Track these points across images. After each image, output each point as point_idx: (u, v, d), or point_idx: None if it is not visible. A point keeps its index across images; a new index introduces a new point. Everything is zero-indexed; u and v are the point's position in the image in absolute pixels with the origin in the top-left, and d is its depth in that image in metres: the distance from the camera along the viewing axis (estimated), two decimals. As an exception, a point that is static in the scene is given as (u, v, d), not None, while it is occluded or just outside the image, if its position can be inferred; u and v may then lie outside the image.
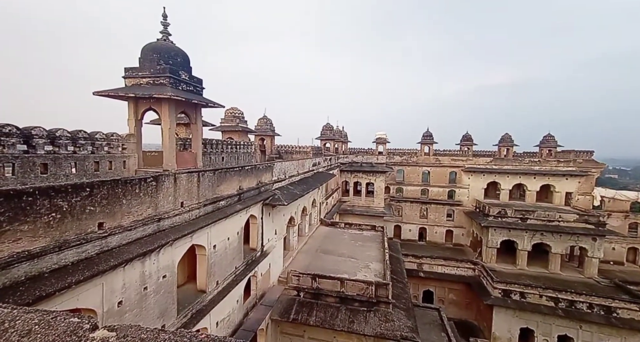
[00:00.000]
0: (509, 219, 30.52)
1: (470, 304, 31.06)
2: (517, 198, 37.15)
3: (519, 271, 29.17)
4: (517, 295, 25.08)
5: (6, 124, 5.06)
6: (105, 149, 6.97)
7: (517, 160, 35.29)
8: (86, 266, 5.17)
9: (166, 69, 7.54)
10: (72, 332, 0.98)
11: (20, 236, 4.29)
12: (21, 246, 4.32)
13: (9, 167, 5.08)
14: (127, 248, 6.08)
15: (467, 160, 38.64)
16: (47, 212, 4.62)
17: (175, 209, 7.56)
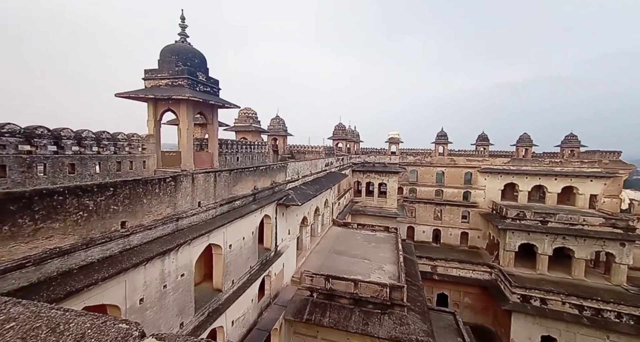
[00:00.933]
0: (528, 221, 29.43)
1: (487, 308, 30.19)
2: (536, 200, 35.79)
3: (539, 276, 28.05)
4: (538, 301, 24.16)
5: (39, 126, 5.28)
6: (127, 150, 7.17)
7: (537, 161, 33.99)
8: (110, 264, 5.31)
9: (184, 71, 7.68)
10: (122, 339, 0.99)
11: (52, 233, 4.45)
12: (53, 242, 4.48)
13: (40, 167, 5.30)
14: (147, 247, 6.21)
15: (484, 160, 37.57)
16: (75, 210, 4.77)
17: (193, 209, 7.68)
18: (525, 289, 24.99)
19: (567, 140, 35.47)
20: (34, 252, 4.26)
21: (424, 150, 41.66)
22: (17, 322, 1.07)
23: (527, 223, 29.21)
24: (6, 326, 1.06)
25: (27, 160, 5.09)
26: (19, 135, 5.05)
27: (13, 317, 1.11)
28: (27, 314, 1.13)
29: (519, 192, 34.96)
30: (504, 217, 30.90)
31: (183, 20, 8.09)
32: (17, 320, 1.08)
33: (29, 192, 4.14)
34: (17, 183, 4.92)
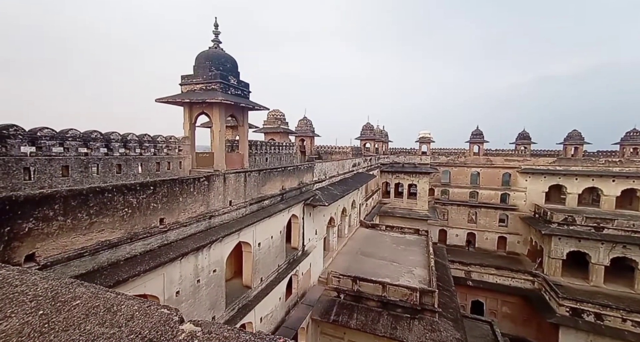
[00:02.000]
0: (578, 227, 26.70)
1: (529, 320, 27.82)
2: (588, 204, 32.32)
3: (593, 288, 25.29)
4: (592, 316, 21.75)
5: (93, 130, 5.89)
6: (165, 151, 7.70)
7: (590, 160, 30.64)
8: (151, 257, 5.71)
9: (217, 75, 8.06)
10: (164, 322, 1.10)
11: (103, 228, 4.89)
12: (104, 236, 4.92)
13: (94, 167, 5.87)
14: (183, 242, 6.58)
15: (524, 160, 34.78)
16: (122, 207, 5.20)
17: (225, 208, 8.01)
18: (577, 302, 22.63)
19: (628, 137, 31.53)
20: (89, 243, 4.71)
21: (457, 150, 39.60)
22: (81, 301, 1.27)
23: (577, 229, 26.50)
24: (73, 303, 1.26)
25: (84, 161, 5.69)
26: (79, 139, 5.66)
27: (78, 296, 1.31)
28: (88, 294, 1.32)
29: (567, 195, 31.81)
30: (549, 222, 28.35)
31: (216, 27, 8.52)
32: (81, 298, 1.28)
33: (86, 190, 4.59)
34: (76, 182, 5.51)
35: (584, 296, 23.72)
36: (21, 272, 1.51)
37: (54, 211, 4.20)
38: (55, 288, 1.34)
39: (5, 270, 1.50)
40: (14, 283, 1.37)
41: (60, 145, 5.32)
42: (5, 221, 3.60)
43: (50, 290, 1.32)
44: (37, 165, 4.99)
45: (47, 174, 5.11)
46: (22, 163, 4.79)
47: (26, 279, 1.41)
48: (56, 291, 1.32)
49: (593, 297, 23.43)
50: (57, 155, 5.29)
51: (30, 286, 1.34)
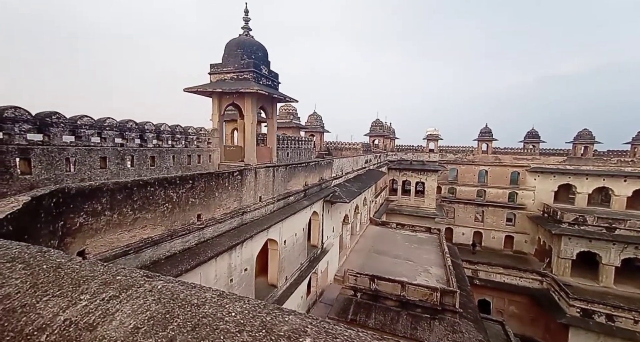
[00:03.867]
0: (588, 227, 26.49)
1: (537, 320, 27.73)
2: (597, 204, 32.10)
3: (603, 288, 25.17)
4: (603, 317, 21.59)
5: (129, 120, 5.49)
6: (195, 144, 7.31)
7: (601, 160, 30.36)
8: (190, 256, 5.36)
9: (250, 64, 7.63)
10: None
11: (145, 224, 4.53)
12: (146, 232, 4.56)
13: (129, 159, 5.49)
14: (218, 240, 6.23)
15: (534, 159, 34.47)
16: (163, 202, 4.83)
17: (255, 203, 7.65)
18: (587, 303, 22.46)
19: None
20: (133, 240, 4.35)
21: (465, 147, 39.21)
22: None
23: (587, 229, 26.31)
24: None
25: (120, 153, 5.31)
26: (116, 129, 5.26)
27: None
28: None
29: (577, 195, 31.57)
30: (558, 222, 28.15)
31: (247, 13, 8.06)
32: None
33: (130, 183, 4.22)
34: (114, 174, 5.13)
35: (594, 296, 23.59)
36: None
37: (101, 205, 3.83)
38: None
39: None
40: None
41: (98, 135, 4.94)
42: (59, 215, 3.24)
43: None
44: (78, 156, 4.61)
45: (86, 165, 4.72)
46: (64, 153, 4.41)
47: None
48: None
49: (603, 298, 23.30)
50: (95, 145, 4.90)
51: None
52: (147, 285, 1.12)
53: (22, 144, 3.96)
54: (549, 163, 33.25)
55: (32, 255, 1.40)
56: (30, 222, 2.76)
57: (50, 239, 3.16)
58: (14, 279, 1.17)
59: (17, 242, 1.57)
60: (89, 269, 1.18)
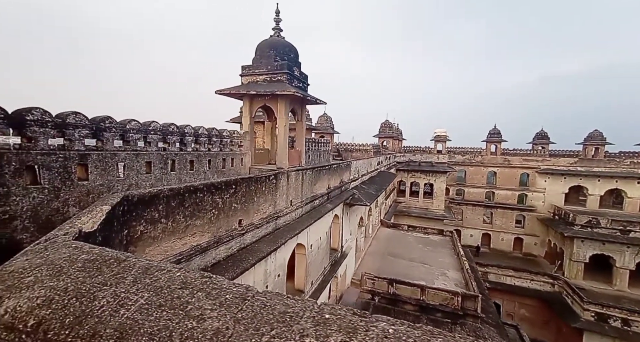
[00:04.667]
0: (602, 230, 26.21)
1: (548, 323, 27.43)
2: (609, 206, 31.77)
3: (617, 292, 24.86)
4: (618, 321, 21.29)
5: (170, 123, 5.36)
6: (229, 147, 7.17)
7: (614, 161, 30.06)
8: (233, 263, 5.22)
9: (284, 66, 7.50)
10: None
11: (195, 231, 4.40)
12: (195, 240, 4.43)
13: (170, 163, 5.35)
14: (257, 246, 6.10)
15: (544, 160, 34.20)
16: (210, 208, 4.70)
17: (287, 208, 7.52)
18: (602, 307, 22.16)
19: (649, 139, 30.92)
20: (185, 248, 4.22)
21: (473, 148, 38.95)
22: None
23: (601, 232, 26.02)
24: None
25: (163, 157, 5.18)
26: (159, 133, 5.13)
27: None
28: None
29: (588, 197, 31.26)
30: (571, 224, 27.86)
31: (277, 14, 7.94)
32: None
33: (182, 189, 4.09)
34: (157, 179, 5.01)
35: (608, 300, 23.29)
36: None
37: (158, 213, 3.70)
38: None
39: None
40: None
41: (143, 140, 4.81)
42: (125, 223, 3.12)
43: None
44: (127, 160, 4.48)
45: (134, 170, 4.60)
46: (116, 158, 4.28)
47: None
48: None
49: (617, 302, 22.99)
50: (141, 150, 4.78)
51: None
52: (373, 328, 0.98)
53: (80, 150, 3.84)
54: (559, 164, 32.98)
55: (195, 279, 1.26)
56: (109, 232, 2.64)
57: (118, 249, 3.03)
58: (209, 311, 1.04)
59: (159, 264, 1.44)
60: (299, 306, 1.04)
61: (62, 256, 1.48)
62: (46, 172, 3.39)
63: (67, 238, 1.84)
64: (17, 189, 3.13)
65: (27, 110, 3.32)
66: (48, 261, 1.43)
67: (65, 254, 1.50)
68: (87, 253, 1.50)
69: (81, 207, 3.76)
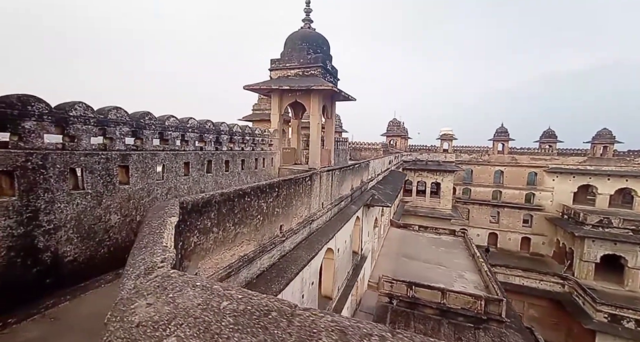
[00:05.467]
0: (613, 229, 25.95)
1: (559, 324, 27.18)
2: (618, 205, 31.53)
3: (629, 293, 24.64)
4: (632, 322, 21.03)
5: (207, 120, 4.88)
6: (260, 147, 6.71)
7: (624, 160, 29.81)
8: (277, 273, 4.79)
9: (317, 59, 7.04)
10: None
11: (242, 240, 3.96)
12: (243, 249, 3.99)
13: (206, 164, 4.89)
14: (295, 253, 5.67)
15: (552, 159, 33.92)
16: (256, 213, 4.26)
17: (320, 210, 7.08)
18: (615, 308, 21.90)
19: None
20: (233, 260, 3.78)
21: (479, 147, 38.63)
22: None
23: (612, 231, 25.77)
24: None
25: (201, 157, 4.71)
26: (197, 131, 4.66)
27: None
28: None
29: (598, 196, 31.01)
30: (581, 223, 27.59)
31: (308, 4, 7.46)
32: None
33: (232, 194, 3.64)
34: (195, 182, 4.55)
35: (620, 301, 23.05)
36: None
37: (210, 221, 3.26)
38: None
39: None
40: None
41: (181, 138, 4.35)
42: (179, 234, 2.67)
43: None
44: (166, 161, 4.02)
45: (173, 172, 4.14)
46: (156, 159, 3.83)
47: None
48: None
49: (629, 303, 22.74)
50: (179, 149, 4.32)
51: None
52: None
53: (121, 150, 3.38)
54: (568, 163, 32.71)
55: None
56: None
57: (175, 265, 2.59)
58: None
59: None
60: None
61: (194, 301, 1.04)
62: (89, 175, 2.94)
63: (167, 267, 1.40)
64: (61, 194, 2.69)
65: (70, 105, 2.87)
66: (182, 311, 0.99)
67: (196, 297, 1.06)
68: (226, 298, 1.06)
69: (123, 214, 3.33)
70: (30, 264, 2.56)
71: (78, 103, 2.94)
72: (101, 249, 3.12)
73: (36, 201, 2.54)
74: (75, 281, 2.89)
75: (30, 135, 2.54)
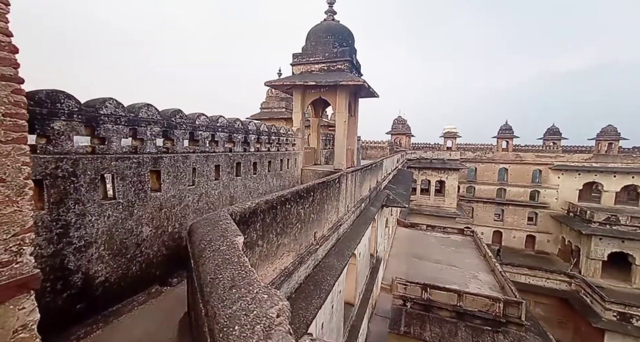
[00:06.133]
0: (620, 227, 25.79)
1: (564, 323, 27.05)
2: (624, 202, 31.38)
3: (637, 290, 24.53)
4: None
5: (236, 119, 4.42)
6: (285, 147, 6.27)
7: (630, 157, 29.64)
8: (315, 286, 4.38)
9: (344, 52, 6.59)
10: None
11: (283, 252, 3.55)
12: (283, 262, 3.59)
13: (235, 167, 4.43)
14: (327, 261, 5.27)
15: (557, 156, 33.70)
16: (295, 221, 3.85)
17: (346, 214, 6.69)
18: (625, 306, 21.73)
19: (664, 134, 30.51)
20: (275, 275, 3.37)
21: (483, 145, 38.36)
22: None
23: (620, 229, 25.60)
24: None
25: (231, 159, 4.27)
26: (226, 130, 4.21)
27: None
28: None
29: (604, 193, 30.84)
30: (588, 221, 27.42)
31: (331, -5, 7.03)
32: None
33: (275, 201, 3.23)
34: (225, 186, 4.11)
35: (627, 299, 22.91)
36: None
37: (256, 233, 2.86)
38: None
39: None
40: None
41: (211, 138, 3.92)
42: None
43: None
44: (197, 164, 3.59)
45: (204, 176, 3.71)
46: (187, 162, 3.40)
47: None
48: None
49: (638, 301, 22.60)
50: (209, 151, 3.89)
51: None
52: None
53: (152, 153, 2.96)
54: (573, 161, 32.51)
55: None
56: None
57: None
58: None
59: None
60: None
61: None
62: (120, 182, 2.52)
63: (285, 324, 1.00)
64: (93, 206, 2.27)
65: (100, 102, 2.44)
66: None
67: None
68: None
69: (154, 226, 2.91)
70: (60, 288, 2.15)
71: (109, 100, 2.51)
72: (133, 266, 2.71)
73: (67, 213, 2.12)
74: (107, 304, 2.49)
75: (60, 137, 2.11)
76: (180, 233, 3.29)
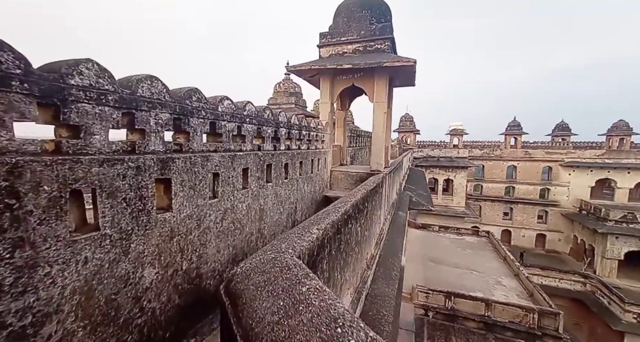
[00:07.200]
0: (638, 225, 24.95)
1: (580, 324, 26.22)
2: (636, 199, 30.56)
3: (657, 290, 23.63)
4: (666, 323, 20.03)
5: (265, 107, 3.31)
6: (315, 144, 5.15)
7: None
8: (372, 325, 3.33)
9: (385, 29, 5.46)
10: None
11: (344, 289, 2.49)
12: (345, 301, 2.52)
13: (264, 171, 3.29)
14: (376, 288, 4.21)
15: (568, 153, 32.82)
16: (354, 244, 2.78)
17: (383, 223, 5.63)
18: (647, 308, 20.88)
19: (679, 129, 29.72)
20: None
21: (491, 142, 37.44)
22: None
23: (638, 227, 24.75)
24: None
25: (260, 159, 3.16)
26: (255, 121, 3.08)
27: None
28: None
29: (617, 190, 30.00)
30: (603, 219, 26.55)
31: (362, -37, 5.93)
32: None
33: (339, 221, 2.16)
34: (254, 197, 3.01)
35: (648, 299, 22.08)
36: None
37: (322, 274, 1.80)
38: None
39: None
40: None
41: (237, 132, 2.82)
42: None
43: None
44: (221, 168, 2.49)
45: (229, 184, 2.60)
46: (208, 165, 2.30)
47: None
48: None
49: (659, 302, 21.77)
50: (235, 149, 2.79)
51: None
52: None
53: (159, 152, 1.87)
54: (585, 157, 31.64)
55: None
56: None
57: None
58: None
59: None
60: None
61: None
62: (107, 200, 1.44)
63: None
64: (54, 247, 1.20)
65: (70, 65, 1.32)
66: None
67: None
68: None
69: (162, 265, 1.85)
70: None
71: (85, 62, 1.37)
72: (127, 335, 1.64)
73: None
74: None
75: None
76: (200, 270, 2.21)
